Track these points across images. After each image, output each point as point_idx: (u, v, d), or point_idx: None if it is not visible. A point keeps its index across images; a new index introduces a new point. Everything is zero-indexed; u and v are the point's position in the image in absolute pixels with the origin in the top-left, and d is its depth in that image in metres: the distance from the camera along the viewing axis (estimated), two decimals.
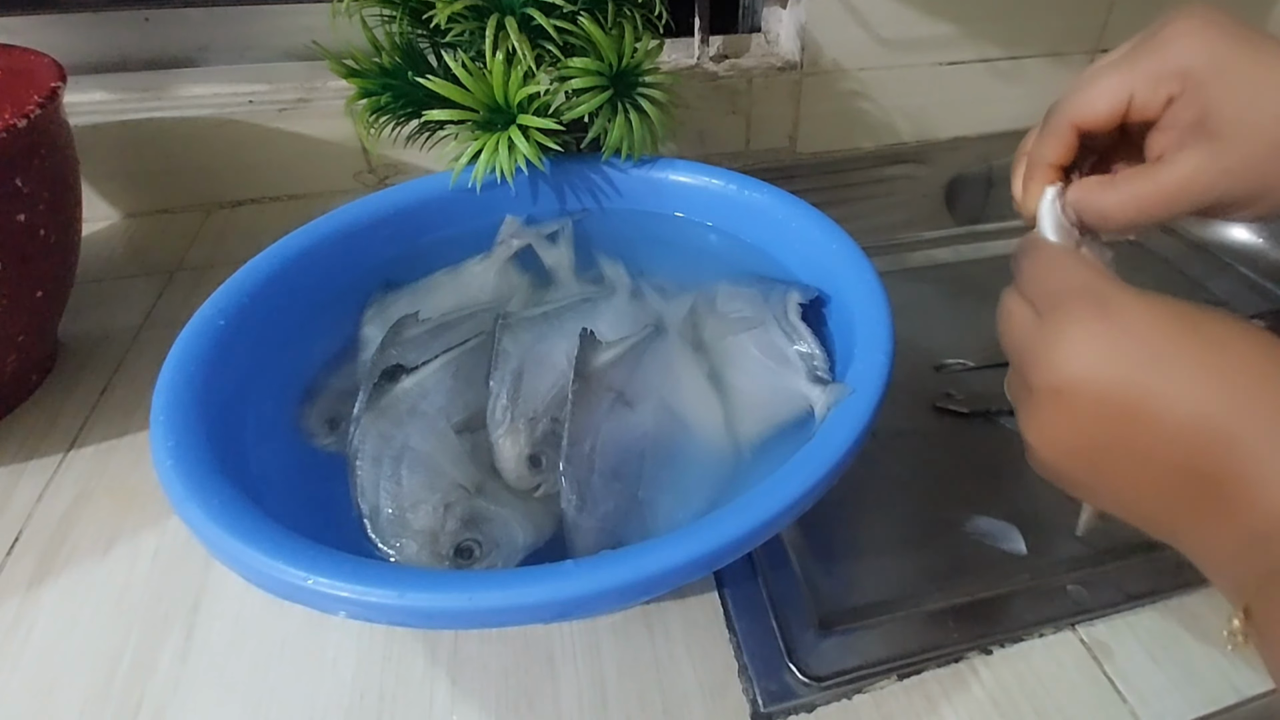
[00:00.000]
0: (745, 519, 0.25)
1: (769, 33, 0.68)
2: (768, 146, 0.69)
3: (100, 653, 0.33)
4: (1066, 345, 0.24)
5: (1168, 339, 0.23)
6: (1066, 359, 0.24)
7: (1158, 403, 0.22)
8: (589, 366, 0.33)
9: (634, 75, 0.41)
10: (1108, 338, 0.24)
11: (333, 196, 0.64)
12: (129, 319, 0.51)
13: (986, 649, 0.33)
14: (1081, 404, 0.24)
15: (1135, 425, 0.23)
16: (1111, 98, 0.27)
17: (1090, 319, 0.24)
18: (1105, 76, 0.28)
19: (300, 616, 0.34)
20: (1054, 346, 0.24)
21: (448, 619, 0.25)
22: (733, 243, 0.44)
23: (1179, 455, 0.22)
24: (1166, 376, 0.22)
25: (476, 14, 0.39)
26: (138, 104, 0.58)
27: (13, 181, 0.38)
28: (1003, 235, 0.58)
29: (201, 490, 0.26)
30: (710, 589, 0.35)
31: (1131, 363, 0.23)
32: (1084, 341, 0.24)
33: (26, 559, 0.37)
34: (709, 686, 0.32)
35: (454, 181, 0.42)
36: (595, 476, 0.30)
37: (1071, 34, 0.68)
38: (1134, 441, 0.23)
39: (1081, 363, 0.24)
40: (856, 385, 0.30)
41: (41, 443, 0.42)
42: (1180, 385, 0.22)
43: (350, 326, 0.39)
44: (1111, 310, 0.24)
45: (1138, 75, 0.27)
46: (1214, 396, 0.22)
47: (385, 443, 0.31)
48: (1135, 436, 0.23)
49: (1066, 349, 0.24)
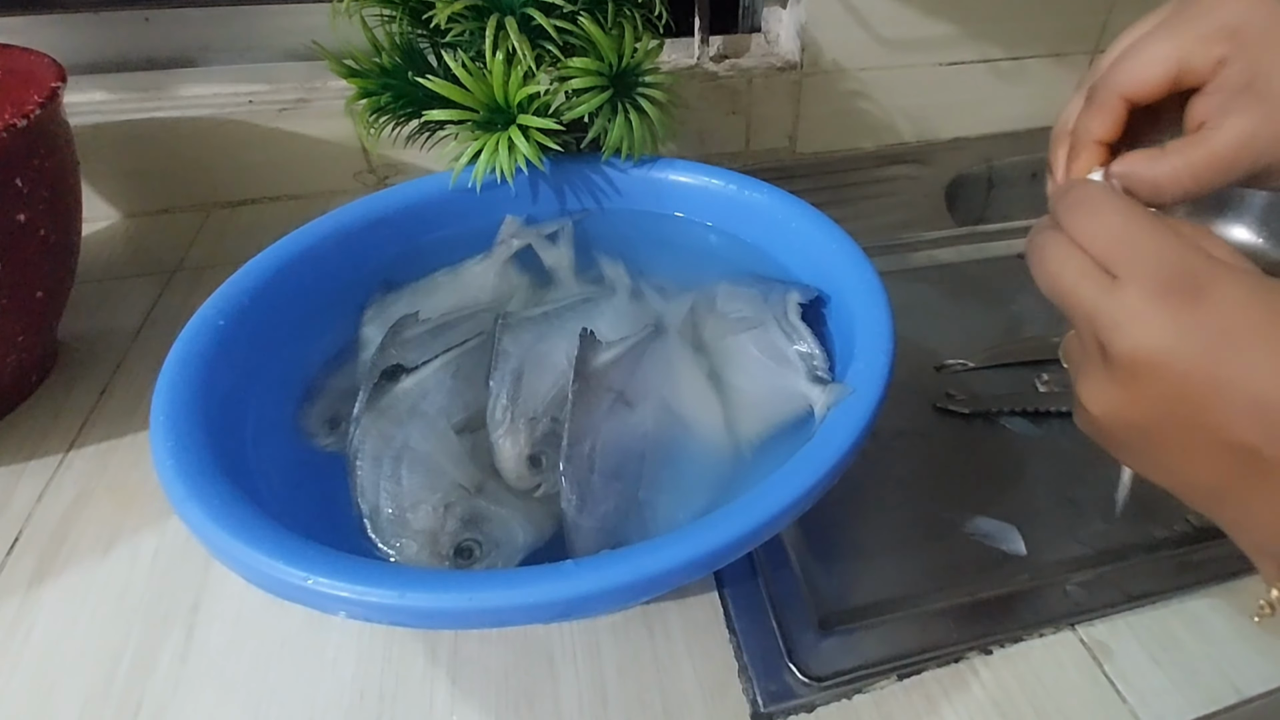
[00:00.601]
0: (745, 519, 0.25)
1: (769, 33, 0.68)
2: (768, 147, 0.69)
3: (100, 652, 0.33)
4: (1157, 326, 0.23)
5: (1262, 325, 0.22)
6: (1154, 338, 0.23)
7: (1234, 384, 0.22)
8: (589, 366, 0.32)
9: (634, 75, 0.41)
10: (1203, 328, 0.22)
11: (333, 196, 0.64)
12: (129, 319, 0.51)
13: (986, 649, 0.33)
14: (1159, 383, 0.23)
15: (1206, 404, 0.22)
16: (1164, 64, 0.26)
17: (1187, 303, 0.23)
18: (1154, 43, 0.26)
19: (300, 616, 0.34)
20: (1142, 323, 0.23)
21: (448, 619, 0.25)
22: (733, 243, 0.44)
23: (1243, 434, 0.22)
24: (1247, 360, 0.22)
25: (476, 14, 0.39)
26: (138, 104, 0.58)
27: (13, 181, 0.38)
28: (1004, 236, 0.58)
29: (201, 490, 0.26)
30: (710, 589, 0.35)
31: (1219, 349, 0.22)
32: (1176, 326, 0.23)
33: (26, 559, 0.37)
34: (709, 686, 0.32)
35: (454, 181, 0.42)
36: (595, 476, 0.30)
37: (1072, 34, 0.68)
38: (1201, 418, 0.23)
39: (1170, 346, 0.22)
40: (857, 385, 0.30)
41: (41, 443, 0.42)
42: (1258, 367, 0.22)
43: (350, 326, 0.39)
44: (1209, 296, 0.23)
45: (1188, 38, 0.26)
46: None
47: (385, 443, 0.31)
48: (1204, 414, 0.22)
49: (1156, 329, 0.23)
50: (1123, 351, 0.23)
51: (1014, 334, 0.50)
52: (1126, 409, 0.24)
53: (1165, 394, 0.23)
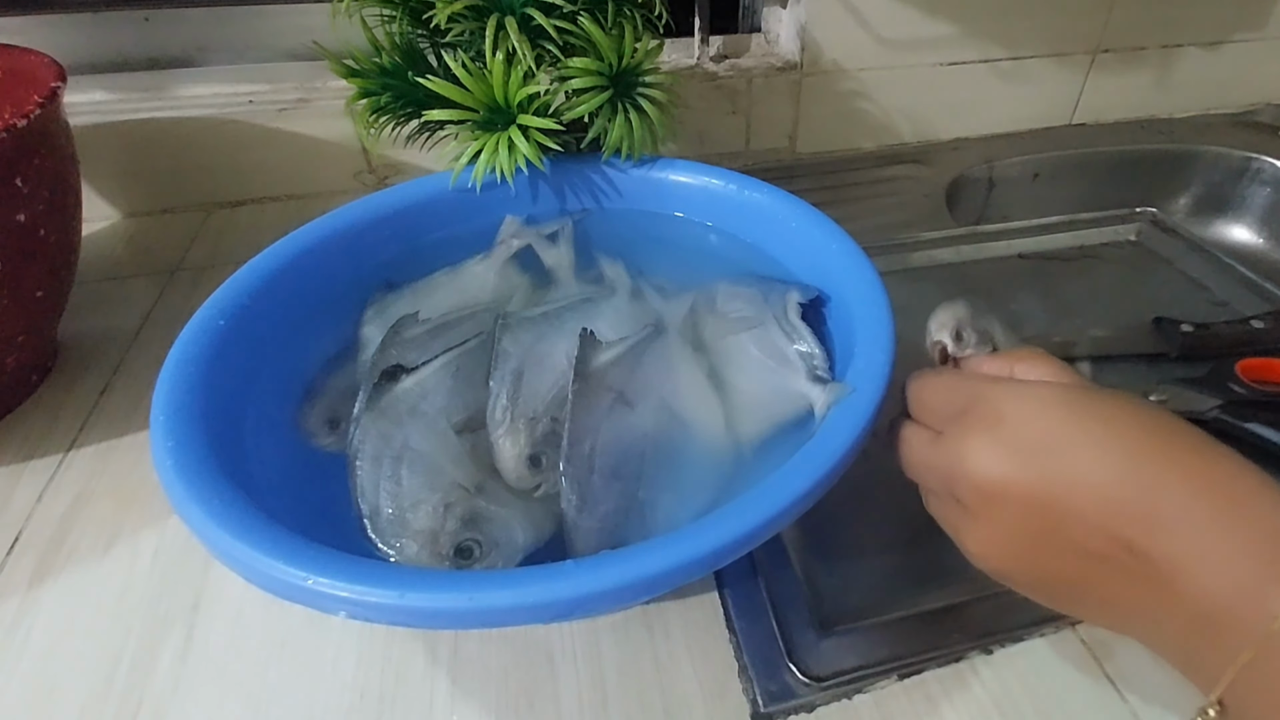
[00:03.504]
0: (745, 519, 0.25)
1: (769, 33, 0.68)
2: (767, 146, 0.69)
3: (100, 653, 0.33)
4: (974, 455, 0.25)
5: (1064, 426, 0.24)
6: (980, 468, 0.24)
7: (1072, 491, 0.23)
8: (589, 366, 0.32)
9: (634, 75, 0.41)
10: (1009, 440, 0.24)
11: (332, 196, 0.64)
12: (129, 319, 0.51)
13: (987, 649, 0.33)
14: (1010, 504, 0.24)
15: (1061, 517, 0.23)
16: None
17: (987, 426, 0.25)
18: None
19: (300, 616, 0.34)
20: (964, 459, 0.25)
21: (448, 619, 0.25)
22: (732, 243, 0.44)
23: (1106, 540, 0.22)
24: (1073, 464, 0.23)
25: (476, 14, 0.39)
26: (137, 104, 0.58)
27: (12, 181, 0.38)
28: (1003, 236, 0.58)
29: (201, 490, 0.26)
30: (710, 589, 0.35)
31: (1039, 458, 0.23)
32: (989, 448, 0.24)
33: (26, 559, 0.37)
34: (709, 687, 0.32)
35: (454, 181, 0.42)
36: (595, 476, 0.30)
37: (1072, 34, 0.68)
38: (1065, 532, 0.23)
39: (999, 469, 0.24)
40: (857, 384, 0.30)
41: (41, 443, 0.42)
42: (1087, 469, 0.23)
43: (350, 326, 0.39)
44: (1004, 414, 0.25)
45: None
46: (1120, 475, 0.22)
47: (385, 443, 0.31)
48: (1064, 527, 0.23)
49: (975, 459, 0.25)
50: (967, 489, 0.25)
51: (1014, 334, 0.50)
52: (998, 539, 0.25)
53: (1020, 513, 0.24)
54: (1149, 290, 0.55)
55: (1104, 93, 0.72)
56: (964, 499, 0.25)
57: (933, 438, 0.27)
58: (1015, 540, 0.25)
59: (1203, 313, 0.51)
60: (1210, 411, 0.42)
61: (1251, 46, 0.74)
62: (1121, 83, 0.72)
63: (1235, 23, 0.72)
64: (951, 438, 0.26)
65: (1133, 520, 0.22)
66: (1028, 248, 0.58)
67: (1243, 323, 0.47)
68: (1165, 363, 0.47)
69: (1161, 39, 0.71)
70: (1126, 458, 0.23)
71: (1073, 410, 0.24)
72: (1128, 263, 0.58)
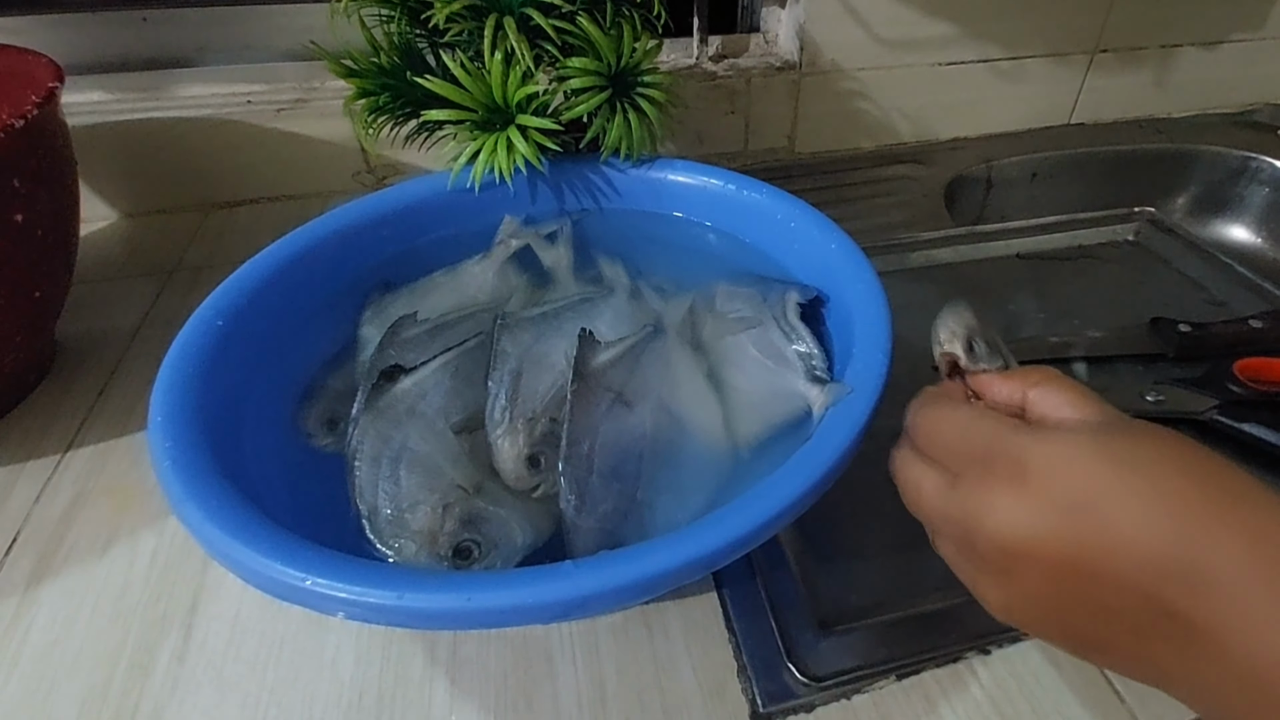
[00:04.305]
0: (744, 519, 0.25)
1: (768, 32, 0.68)
2: (766, 146, 0.69)
3: (98, 653, 0.33)
4: (998, 513, 0.23)
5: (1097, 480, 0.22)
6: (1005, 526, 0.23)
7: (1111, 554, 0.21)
8: (588, 367, 0.32)
9: (633, 75, 0.41)
10: (1036, 496, 0.22)
11: (331, 196, 0.64)
12: (127, 319, 0.51)
13: (985, 649, 0.33)
14: (1037, 565, 0.22)
15: (1093, 578, 0.22)
16: None
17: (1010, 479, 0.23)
18: None
19: (299, 617, 0.34)
20: (986, 516, 0.23)
21: (446, 620, 0.25)
22: (732, 243, 0.44)
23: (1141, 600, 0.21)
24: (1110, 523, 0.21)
25: (475, 14, 0.39)
26: (136, 104, 0.58)
27: (10, 182, 0.38)
28: (1002, 236, 0.58)
29: (199, 491, 0.26)
30: (709, 589, 0.35)
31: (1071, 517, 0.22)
32: (1014, 505, 0.22)
33: (24, 559, 0.36)
34: (708, 686, 0.32)
35: (452, 181, 0.42)
36: (594, 477, 0.30)
37: (1072, 34, 0.68)
38: (1097, 591, 0.22)
39: (1023, 529, 0.22)
40: (855, 385, 0.30)
41: (39, 443, 0.42)
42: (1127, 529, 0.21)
43: (348, 327, 0.39)
44: (1031, 466, 0.23)
45: None
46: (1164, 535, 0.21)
47: (384, 443, 0.31)
48: (1096, 589, 0.22)
49: (999, 517, 0.23)
50: (988, 547, 0.23)
51: (1012, 334, 0.50)
52: (1023, 599, 0.24)
53: (1049, 575, 0.22)
54: (1147, 290, 0.55)
55: (1102, 92, 0.72)
56: (984, 555, 0.24)
57: (948, 483, 0.25)
58: (1042, 601, 0.23)
59: (1201, 312, 0.51)
60: (1208, 412, 0.42)
61: (1250, 46, 0.74)
62: (1120, 82, 0.72)
63: (1234, 23, 0.72)
64: (970, 489, 0.24)
65: (1175, 581, 0.20)
66: (1026, 247, 0.58)
67: (1241, 322, 0.47)
68: (1163, 363, 0.47)
69: (1160, 39, 0.71)
70: (1169, 516, 0.21)
71: (1106, 460, 0.22)
72: (1126, 262, 0.58)
